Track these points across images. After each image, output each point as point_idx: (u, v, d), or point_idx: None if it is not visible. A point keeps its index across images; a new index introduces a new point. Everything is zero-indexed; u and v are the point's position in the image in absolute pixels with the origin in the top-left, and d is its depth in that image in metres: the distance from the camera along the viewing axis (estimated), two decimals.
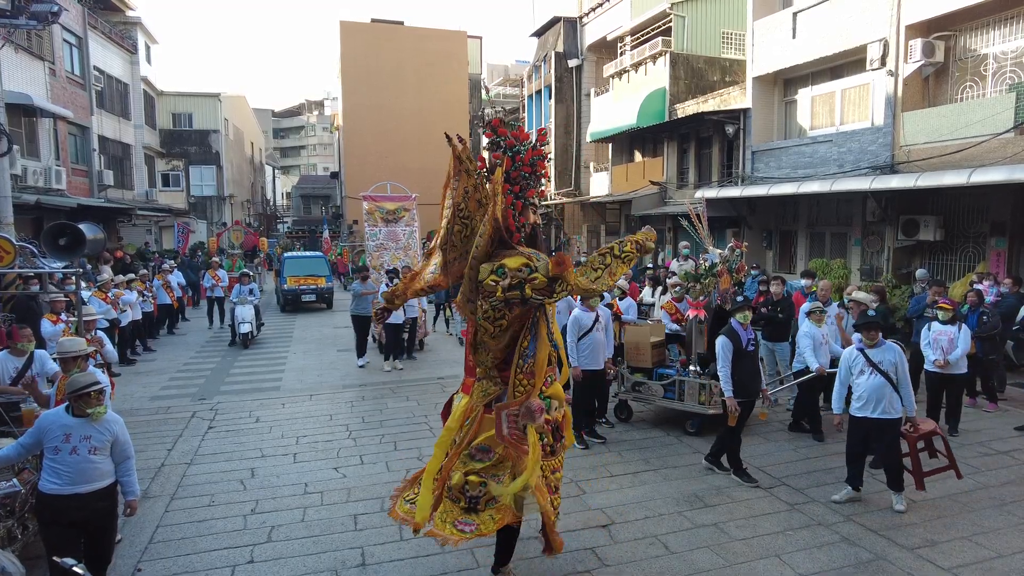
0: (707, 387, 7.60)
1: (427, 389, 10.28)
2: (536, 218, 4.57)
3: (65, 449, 4.11)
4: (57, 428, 4.15)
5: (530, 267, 4.15)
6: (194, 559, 5.10)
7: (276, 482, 6.62)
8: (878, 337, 5.84)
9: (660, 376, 8.14)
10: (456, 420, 4.53)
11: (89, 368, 5.38)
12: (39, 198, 16.16)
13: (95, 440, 4.17)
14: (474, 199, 4.46)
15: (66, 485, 4.10)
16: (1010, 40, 11.47)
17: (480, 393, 4.48)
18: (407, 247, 13.80)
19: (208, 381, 11.15)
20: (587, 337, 7.41)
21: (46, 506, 4.13)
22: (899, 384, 5.73)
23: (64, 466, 4.10)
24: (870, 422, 5.73)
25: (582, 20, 26.99)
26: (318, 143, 79.77)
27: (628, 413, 8.52)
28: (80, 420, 4.18)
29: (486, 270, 4.24)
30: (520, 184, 4.41)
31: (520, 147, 4.38)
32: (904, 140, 12.61)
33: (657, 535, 5.36)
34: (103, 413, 4.24)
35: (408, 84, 40.91)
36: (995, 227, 11.91)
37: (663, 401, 8.04)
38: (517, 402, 4.21)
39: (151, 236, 28.91)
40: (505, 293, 4.13)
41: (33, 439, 4.26)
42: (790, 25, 15.11)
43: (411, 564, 4.98)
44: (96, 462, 4.18)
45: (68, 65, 21.16)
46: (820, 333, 7.56)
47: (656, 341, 8.39)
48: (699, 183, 18.94)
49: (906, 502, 5.76)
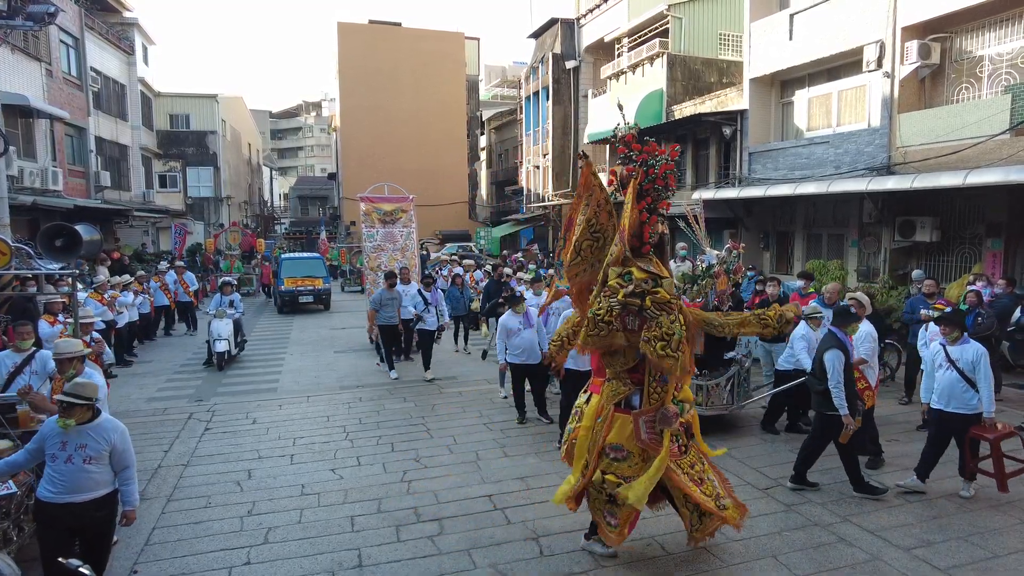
0: (704, 388, 7.59)
1: (424, 391, 10.28)
2: (664, 228, 4.84)
3: (61, 457, 4.05)
4: (55, 435, 4.10)
5: (656, 280, 4.51)
6: (191, 560, 5.09)
7: (273, 483, 6.61)
8: (957, 333, 5.93)
9: None
10: (589, 419, 4.89)
11: (86, 370, 5.37)
12: (35, 199, 16.13)
13: (90, 449, 4.08)
14: (605, 212, 4.75)
15: (60, 494, 4.04)
16: (1006, 42, 11.51)
17: (610, 393, 4.81)
18: (404, 248, 13.77)
19: (205, 382, 11.14)
20: (516, 337, 8.33)
21: (42, 512, 4.11)
22: (977, 382, 5.78)
23: (59, 475, 4.04)
24: (946, 415, 5.94)
25: (579, 21, 27.03)
26: (315, 144, 79.77)
27: None
28: (76, 428, 4.08)
29: (614, 273, 4.57)
30: (652, 196, 4.68)
31: (654, 161, 4.63)
32: (900, 141, 12.65)
33: (654, 536, 5.36)
34: (71, 425, 4.06)
35: (406, 85, 40.95)
36: (991, 228, 11.95)
37: None
38: (652, 408, 4.60)
39: (148, 237, 28.87)
40: (626, 297, 4.45)
41: (37, 445, 4.20)
42: (787, 27, 15.15)
43: (408, 565, 4.98)
44: (91, 472, 4.09)
45: (65, 66, 21.13)
46: (815, 337, 7.40)
47: None
48: (696, 184, 18.96)
49: (973, 489, 6.02)
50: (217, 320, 12.07)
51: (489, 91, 54.87)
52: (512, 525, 5.60)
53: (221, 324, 12.02)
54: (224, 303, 12.46)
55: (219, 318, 12.06)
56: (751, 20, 16.28)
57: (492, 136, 43.92)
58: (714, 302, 7.78)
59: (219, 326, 11.99)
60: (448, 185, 41.54)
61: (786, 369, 7.70)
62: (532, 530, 5.49)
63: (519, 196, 35.42)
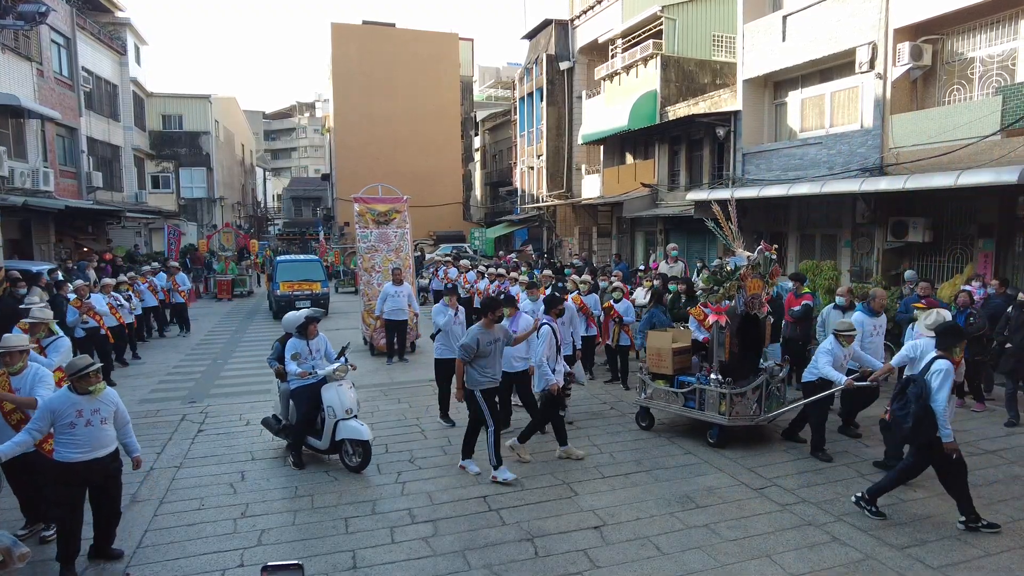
0: (727, 397, 7.20)
1: (418, 392, 10.26)
2: None
3: (80, 423, 4.74)
4: (68, 407, 4.74)
5: None
6: (183, 563, 5.06)
7: (266, 485, 6.59)
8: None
9: (681, 384, 7.75)
10: None
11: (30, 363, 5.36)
12: (26, 200, 16.03)
13: (103, 412, 4.87)
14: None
15: (88, 452, 4.77)
16: (996, 44, 11.59)
17: None
18: (398, 249, 13.72)
19: (198, 384, 11.08)
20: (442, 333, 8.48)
21: (70, 472, 4.74)
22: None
23: (83, 437, 4.75)
24: None
25: (573, 23, 27.07)
26: (309, 145, 79.62)
27: (650, 421, 8.20)
28: (85, 396, 4.78)
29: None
30: None
31: None
32: (893, 142, 12.70)
33: (649, 536, 5.37)
34: (103, 388, 4.88)
35: (399, 86, 40.90)
36: (982, 229, 12.02)
37: (683, 410, 7.69)
38: None
39: (141, 239, 28.76)
40: None
41: (44, 422, 4.74)
42: (780, 28, 15.20)
43: (402, 567, 4.96)
44: (107, 430, 4.90)
45: (56, 66, 21.02)
46: (843, 354, 6.99)
47: (678, 347, 7.99)
48: (690, 185, 19.01)
49: None
50: (336, 387, 6.86)
51: (483, 92, 54.87)
52: (507, 526, 5.60)
53: (343, 391, 6.87)
54: (316, 354, 7.10)
55: (336, 381, 6.90)
56: (744, 21, 16.33)
57: (486, 137, 43.91)
58: (742, 308, 7.37)
59: (342, 395, 6.84)
60: (442, 186, 41.50)
61: (811, 380, 7.21)
62: (527, 531, 5.49)
63: (513, 197, 35.43)
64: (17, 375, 5.19)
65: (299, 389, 6.97)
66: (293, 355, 6.90)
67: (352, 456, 6.84)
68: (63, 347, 6.54)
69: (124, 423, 5.10)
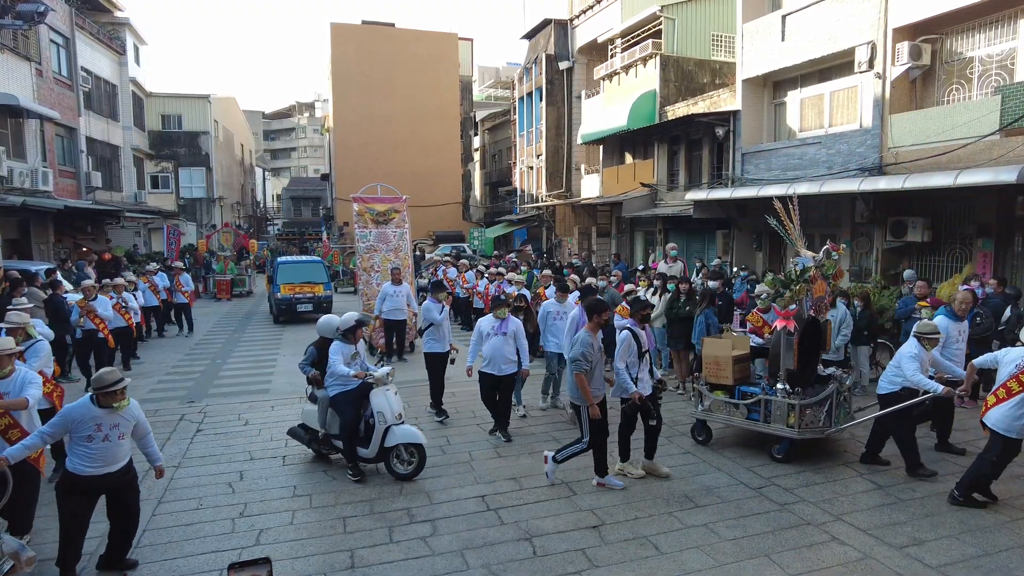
0: (796, 408, 6.67)
1: (417, 391, 10.23)
2: None
3: (98, 437, 4.66)
4: (88, 419, 4.65)
5: None
6: (181, 563, 5.06)
7: (265, 485, 6.58)
8: None
9: (743, 394, 7.21)
10: None
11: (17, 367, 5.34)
12: (25, 200, 16.01)
13: (122, 427, 4.78)
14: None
15: (100, 467, 4.69)
16: (995, 43, 11.59)
17: None
18: (398, 248, 13.71)
19: (197, 384, 11.08)
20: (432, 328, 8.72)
21: (80, 483, 4.68)
22: None
23: (98, 452, 4.67)
24: None
25: (573, 22, 27.06)
26: (308, 145, 79.60)
27: (708, 435, 7.61)
28: (106, 410, 4.68)
29: None
30: None
31: None
32: (892, 142, 12.71)
33: (647, 535, 5.36)
34: (127, 404, 4.77)
35: (399, 86, 40.88)
36: (981, 228, 12.02)
37: (746, 423, 7.16)
38: None
39: (140, 239, 28.73)
40: None
41: (60, 428, 4.72)
42: (779, 28, 15.20)
43: (401, 566, 4.96)
44: (123, 445, 4.82)
45: (55, 66, 21.00)
46: (927, 358, 6.52)
47: (738, 355, 7.39)
48: (689, 185, 19.01)
49: None
50: (384, 391, 6.69)
51: (483, 92, 54.88)
52: (505, 525, 5.59)
53: (391, 396, 6.73)
54: (362, 356, 6.97)
55: (384, 386, 6.72)
56: (743, 21, 16.33)
57: (486, 137, 43.91)
58: (809, 311, 6.93)
59: (391, 400, 6.69)
60: (442, 186, 41.48)
61: (889, 392, 6.62)
62: (525, 530, 5.48)
63: (513, 197, 35.43)
64: (5, 379, 5.14)
65: (340, 395, 6.62)
66: None
67: (406, 462, 6.61)
68: (42, 351, 6.35)
69: (145, 433, 5.00)
